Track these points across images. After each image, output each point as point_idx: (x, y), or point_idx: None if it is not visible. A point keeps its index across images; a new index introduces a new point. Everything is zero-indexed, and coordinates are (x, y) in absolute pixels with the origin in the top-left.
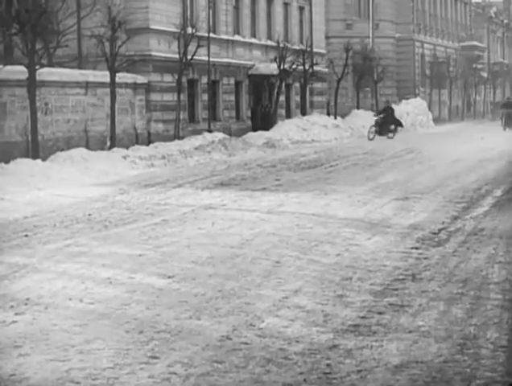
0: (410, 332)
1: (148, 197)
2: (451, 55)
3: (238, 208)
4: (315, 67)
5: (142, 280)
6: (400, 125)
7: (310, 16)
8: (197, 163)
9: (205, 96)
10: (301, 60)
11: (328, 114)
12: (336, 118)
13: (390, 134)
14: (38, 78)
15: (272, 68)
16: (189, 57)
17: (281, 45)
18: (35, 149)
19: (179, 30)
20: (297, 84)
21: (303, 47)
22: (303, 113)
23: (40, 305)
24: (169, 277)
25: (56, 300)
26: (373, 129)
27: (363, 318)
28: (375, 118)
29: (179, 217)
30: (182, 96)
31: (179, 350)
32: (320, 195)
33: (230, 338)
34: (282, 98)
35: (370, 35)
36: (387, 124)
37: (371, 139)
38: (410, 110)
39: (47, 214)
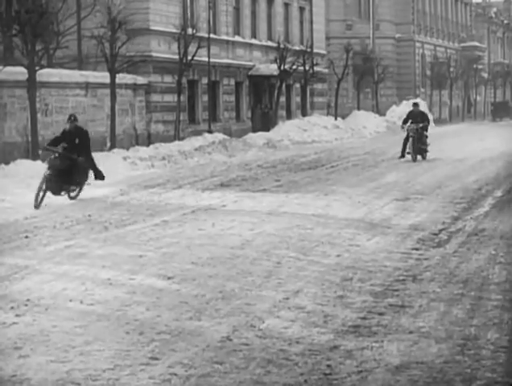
0: (410, 333)
1: (148, 198)
2: (451, 55)
3: (238, 209)
4: (316, 68)
5: (143, 281)
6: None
7: (310, 17)
8: (197, 164)
9: (205, 97)
10: (301, 61)
11: (329, 115)
12: (336, 119)
13: (72, 192)
14: (38, 79)
15: (272, 69)
16: (189, 58)
17: (281, 46)
18: (35, 150)
19: (179, 31)
20: (297, 85)
21: (303, 48)
22: (304, 114)
23: (40, 306)
24: (169, 278)
25: (57, 301)
26: (44, 184)
27: (363, 318)
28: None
29: (179, 218)
30: (182, 97)
31: (180, 351)
32: (321, 195)
33: (231, 339)
34: (282, 99)
35: (371, 36)
36: (70, 172)
37: (36, 207)
38: None
39: (48, 215)
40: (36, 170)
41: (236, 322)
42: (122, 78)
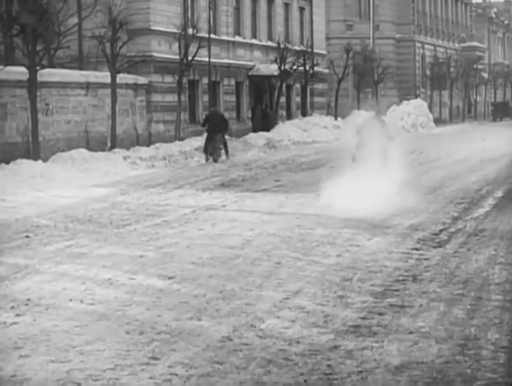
0: (410, 333)
1: (149, 198)
2: (451, 55)
3: (239, 209)
4: (316, 68)
5: (143, 281)
6: None
7: (310, 17)
8: (198, 164)
9: (206, 97)
10: (301, 61)
11: (329, 115)
12: (336, 119)
13: None
14: (39, 79)
15: (273, 69)
16: (190, 58)
17: (281, 46)
18: (36, 149)
19: (179, 31)
20: (297, 85)
21: (303, 48)
22: (304, 114)
23: (41, 306)
24: (170, 278)
25: (57, 301)
26: None
27: (363, 318)
28: None
29: (179, 218)
30: (183, 97)
31: (180, 351)
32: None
33: (231, 339)
34: (282, 99)
35: (371, 36)
36: None
37: None
38: (411, 111)
39: (48, 215)
40: (36, 170)
41: (236, 322)
42: (123, 78)
